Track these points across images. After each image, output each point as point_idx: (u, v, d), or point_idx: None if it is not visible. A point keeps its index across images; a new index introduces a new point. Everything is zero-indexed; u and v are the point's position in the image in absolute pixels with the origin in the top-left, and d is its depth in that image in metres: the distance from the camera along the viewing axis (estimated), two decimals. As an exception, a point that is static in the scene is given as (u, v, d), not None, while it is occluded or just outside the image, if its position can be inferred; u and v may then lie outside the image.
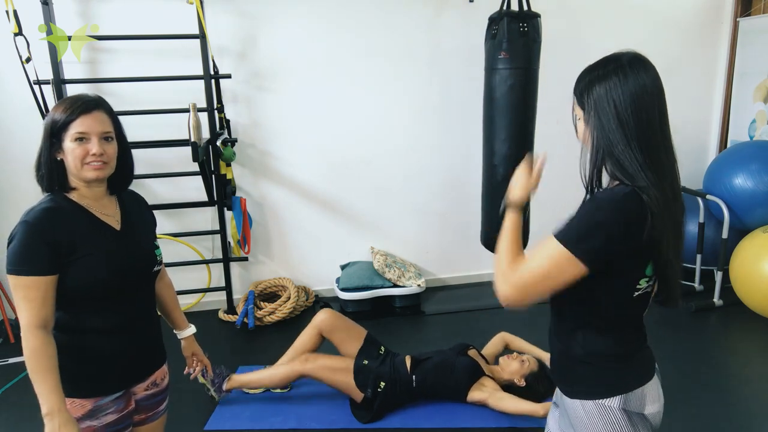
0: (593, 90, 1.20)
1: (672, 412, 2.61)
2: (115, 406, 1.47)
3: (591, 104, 1.20)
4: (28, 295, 1.31)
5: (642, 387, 1.28)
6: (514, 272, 1.20)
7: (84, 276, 1.37)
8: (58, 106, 1.40)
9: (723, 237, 3.60)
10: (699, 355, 3.12)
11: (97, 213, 1.45)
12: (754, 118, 4.14)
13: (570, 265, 1.14)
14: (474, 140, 3.81)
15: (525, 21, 2.96)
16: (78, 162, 1.38)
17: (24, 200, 3.76)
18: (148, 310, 1.57)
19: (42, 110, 3.16)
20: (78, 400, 1.42)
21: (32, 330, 1.31)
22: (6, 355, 3.27)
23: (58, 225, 1.36)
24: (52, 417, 1.28)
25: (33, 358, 1.30)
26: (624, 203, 1.14)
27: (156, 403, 1.62)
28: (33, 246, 1.32)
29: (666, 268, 1.21)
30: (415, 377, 2.60)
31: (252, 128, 3.76)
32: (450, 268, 4.26)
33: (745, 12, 4.21)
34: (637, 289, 1.23)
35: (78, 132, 1.37)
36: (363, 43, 3.76)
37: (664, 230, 1.14)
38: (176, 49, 3.45)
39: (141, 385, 1.56)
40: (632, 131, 1.16)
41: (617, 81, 1.17)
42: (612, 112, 1.17)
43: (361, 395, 2.55)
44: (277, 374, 2.62)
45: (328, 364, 2.59)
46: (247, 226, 3.65)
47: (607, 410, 1.26)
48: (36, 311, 1.32)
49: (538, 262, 1.17)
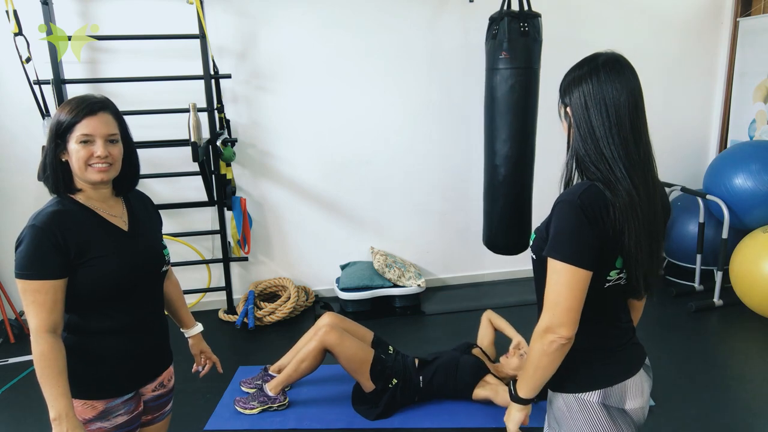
0: (571, 91, 1.25)
1: (672, 412, 2.62)
2: (126, 408, 1.47)
3: (570, 104, 1.26)
4: (37, 299, 1.30)
5: (623, 382, 1.29)
6: (552, 317, 1.19)
7: (94, 278, 1.36)
8: (63, 106, 1.38)
9: (723, 237, 3.61)
10: (699, 355, 3.13)
11: (105, 214, 1.44)
12: (754, 118, 4.14)
13: (581, 276, 1.18)
14: (475, 140, 3.82)
15: (525, 21, 2.96)
16: (82, 164, 1.36)
17: (24, 200, 3.78)
18: (156, 310, 1.57)
19: (42, 110, 3.16)
20: (89, 401, 1.41)
21: (42, 334, 1.30)
22: (6, 355, 3.26)
23: (67, 228, 1.35)
24: (61, 422, 1.27)
25: (42, 363, 1.29)
26: (580, 200, 1.18)
27: (162, 403, 1.63)
28: (42, 250, 1.31)
29: (629, 259, 1.23)
30: (422, 378, 2.62)
31: (252, 128, 3.76)
32: (450, 268, 4.26)
33: (745, 12, 4.21)
34: (608, 281, 1.25)
35: (82, 134, 1.35)
36: (363, 43, 3.76)
37: (625, 222, 1.18)
38: (176, 49, 3.45)
39: (149, 386, 1.57)
40: (603, 129, 1.20)
41: (592, 82, 1.22)
42: (583, 112, 1.22)
43: (371, 385, 2.56)
44: (304, 355, 2.58)
45: (348, 343, 2.58)
46: (247, 226, 3.65)
47: (586, 405, 1.29)
48: (46, 315, 1.30)
49: (559, 291, 1.19)
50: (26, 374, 3.05)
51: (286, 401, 2.67)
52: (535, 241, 1.33)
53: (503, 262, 4.02)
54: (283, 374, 2.64)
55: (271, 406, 2.63)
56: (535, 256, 1.34)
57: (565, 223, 1.19)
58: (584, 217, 1.17)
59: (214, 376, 2.97)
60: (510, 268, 4.27)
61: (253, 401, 2.63)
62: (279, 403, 2.63)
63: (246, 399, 2.66)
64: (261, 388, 2.67)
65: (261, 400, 2.62)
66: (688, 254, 3.97)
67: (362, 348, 2.61)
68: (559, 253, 1.19)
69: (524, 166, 3.16)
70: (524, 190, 3.20)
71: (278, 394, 2.63)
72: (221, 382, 2.91)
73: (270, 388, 2.63)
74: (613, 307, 1.32)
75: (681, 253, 4.05)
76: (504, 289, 4.14)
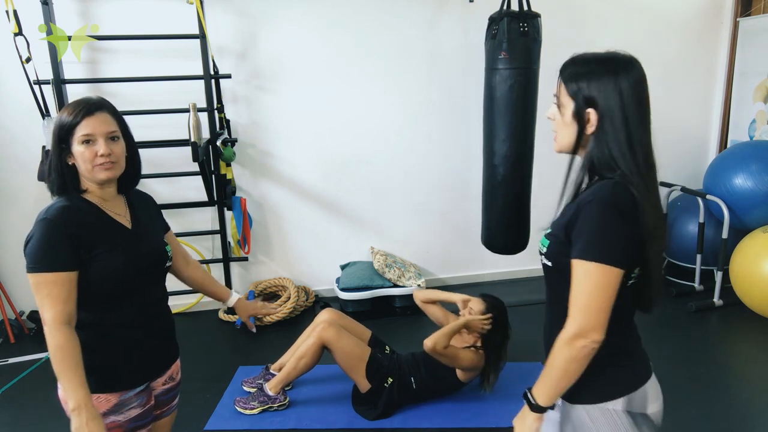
0: (602, 88, 1.20)
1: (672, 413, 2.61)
2: (138, 401, 1.50)
3: (599, 102, 1.21)
4: (51, 291, 1.32)
5: (643, 386, 1.27)
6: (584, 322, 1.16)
7: (103, 273, 1.40)
8: (62, 111, 1.42)
9: (723, 237, 3.60)
10: (699, 355, 3.13)
11: (110, 212, 1.48)
12: (754, 118, 4.14)
13: (615, 275, 1.15)
14: (474, 140, 3.81)
15: (525, 21, 2.97)
16: (88, 164, 1.40)
17: (24, 200, 3.77)
18: (161, 303, 1.61)
19: (42, 110, 3.16)
20: (103, 395, 1.45)
21: (57, 326, 1.32)
22: (6, 355, 3.27)
23: (76, 222, 1.39)
24: (80, 412, 1.30)
25: (59, 354, 1.31)
26: (614, 199, 1.16)
27: (171, 397, 1.68)
28: (54, 242, 1.34)
29: (651, 259, 1.22)
30: (414, 379, 2.62)
31: (252, 128, 3.76)
32: (450, 268, 4.26)
33: (745, 12, 4.21)
34: (631, 278, 1.24)
35: (84, 134, 1.39)
36: (363, 43, 3.76)
37: (648, 215, 1.18)
38: (176, 49, 3.45)
39: (159, 380, 1.61)
40: (634, 127, 1.19)
41: (626, 80, 1.19)
42: (619, 110, 1.19)
43: (366, 384, 2.56)
44: (302, 352, 2.59)
45: (346, 340, 2.58)
46: (247, 226, 3.65)
47: (610, 414, 1.25)
48: (61, 307, 1.33)
49: (590, 293, 1.16)
50: (26, 374, 3.05)
51: (287, 401, 2.67)
52: (550, 247, 1.28)
53: (503, 261, 4.02)
54: (282, 372, 2.64)
55: (271, 406, 2.63)
56: (550, 263, 1.28)
57: (598, 223, 1.16)
58: (618, 215, 1.15)
59: (214, 376, 2.98)
60: (510, 268, 4.27)
61: (253, 401, 2.63)
62: (279, 403, 2.63)
63: (246, 399, 2.66)
64: (261, 388, 2.67)
65: (261, 400, 2.62)
66: (688, 254, 3.97)
67: (359, 345, 2.61)
68: (592, 254, 1.15)
69: (523, 165, 3.16)
70: (523, 189, 3.20)
71: (278, 394, 2.63)
72: (221, 382, 2.92)
73: (270, 387, 2.63)
74: (630, 310, 1.30)
75: (681, 253, 4.05)
76: (504, 289, 4.13)
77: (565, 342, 1.17)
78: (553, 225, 1.28)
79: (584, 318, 1.15)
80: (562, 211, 1.28)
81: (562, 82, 1.25)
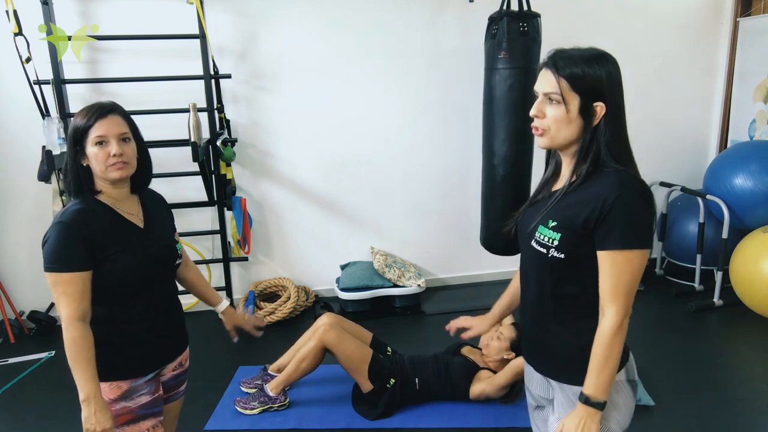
0: (611, 83, 1.24)
1: (672, 412, 2.62)
2: (148, 388, 1.58)
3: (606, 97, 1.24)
4: (67, 290, 1.40)
5: (630, 355, 1.34)
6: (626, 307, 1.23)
7: (116, 272, 1.48)
8: (76, 115, 1.50)
9: (723, 237, 3.60)
10: (699, 355, 3.12)
11: (123, 212, 1.56)
12: (754, 118, 4.14)
13: (645, 259, 1.23)
14: (474, 140, 3.81)
15: (525, 21, 2.97)
16: (102, 165, 1.47)
17: (24, 200, 3.77)
18: (172, 297, 1.70)
19: (42, 110, 3.16)
20: (115, 382, 1.53)
21: (72, 322, 1.40)
22: (6, 355, 3.27)
23: (91, 224, 1.46)
24: (89, 403, 1.39)
25: (73, 348, 1.39)
26: (640, 185, 1.22)
27: (179, 382, 1.77)
28: (69, 244, 1.42)
29: None
30: (418, 380, 2.62)
31: (252, 128, 3.76)
32: (450, 268, 4.26)
33: (745, 12, 4.21)
34: None
35: (97, 136, 1.46)
36: (363, 43, 3.76)
37: None
38: (176, 49, 3.45)
39: (170, 366, 1.69)
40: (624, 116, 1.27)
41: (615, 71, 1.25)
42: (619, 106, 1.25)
43: (368, 385, 2.57)
44: (304, 354, 2.60)
45: (347, 342, 2.59)
46: (247, 226, 3.65)
47: (619, 386, 1.30)
48: (76, 305, 1.41)
49: (631, 279, 1.22)
50: (26, 374, 3.05)
51: (287, 401, 2.67)
52: (563, 240, 1.25)
53: (503, 262, 4.01)
54: (283, 374, 2.64)
55: (271, 407, 2.63)
56: (563, 255, 1.26)
57: (635, 213, 1.20)
58: (647, 203, 1.21)
59: (214, 376, 2.98)
60: (510, 268, 4.27)
61: (253, 401, 2.63)
62: (279, 404, 2.64)
63: (246, 399, 2.66)
64: (261, 389, 2.67)
65: (261, 401, 2.62)
66: (688, 254, 3.97)
67: (361, 347, 2.62)
68: (633, 242, 1.20)
69: (523, 166, 3.16)
70: (523, 190, 3.20)
71: (279, 394, 2.63)
72: (221, 382, 2.92)
73: (271, 388, 2.63)
74: None
75: (681, 253, 4.05)
76: (504, 290, 4.13)
77: (616, 330, 1.21)
78: (563, 218, 1.26)
79: (628, 302, 1.22)
80: (567, 204, 1.26)
81: (563, 78, 1.24)
